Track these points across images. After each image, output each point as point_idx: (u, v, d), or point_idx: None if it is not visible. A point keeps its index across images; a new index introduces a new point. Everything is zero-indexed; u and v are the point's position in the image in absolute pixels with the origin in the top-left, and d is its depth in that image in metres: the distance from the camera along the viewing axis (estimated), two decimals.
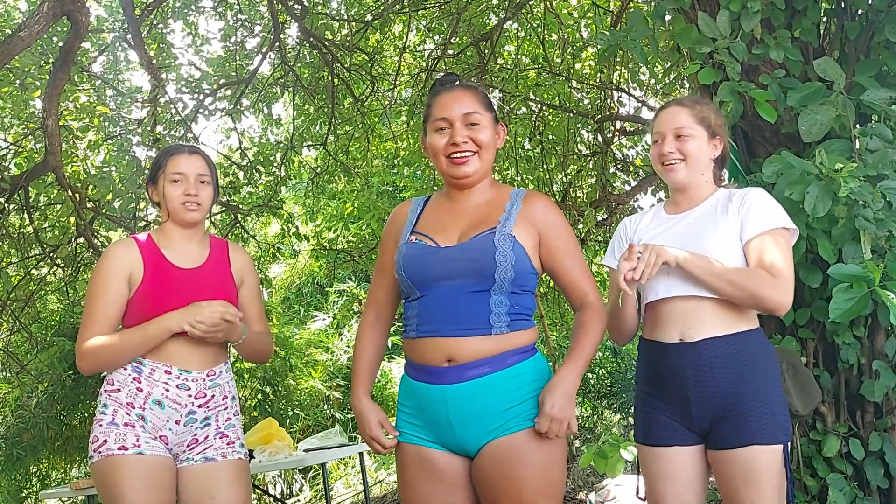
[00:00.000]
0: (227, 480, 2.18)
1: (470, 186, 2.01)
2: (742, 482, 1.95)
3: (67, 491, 4.43)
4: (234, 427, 2.27)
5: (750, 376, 1.99)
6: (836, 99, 2.65)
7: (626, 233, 2.29)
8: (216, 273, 2.30)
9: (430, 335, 1.89)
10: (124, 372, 2.17)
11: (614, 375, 7.37)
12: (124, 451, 2.07)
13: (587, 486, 5.74)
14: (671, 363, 2.04)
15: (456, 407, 1.87)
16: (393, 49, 7.19)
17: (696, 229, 2.11)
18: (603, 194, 6.51)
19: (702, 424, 2.02)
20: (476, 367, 1.86)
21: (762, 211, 2.06)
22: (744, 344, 2.02)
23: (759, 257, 2.01)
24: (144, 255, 2.23)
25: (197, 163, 2.29)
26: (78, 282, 5.79)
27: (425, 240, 1.96)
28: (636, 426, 2.19)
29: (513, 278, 1.88)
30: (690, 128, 2.13)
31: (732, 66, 2.77)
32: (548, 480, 1.85)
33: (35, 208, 5.57)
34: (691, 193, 2.19)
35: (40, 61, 5.58)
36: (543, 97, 6.66)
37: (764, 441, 1.96)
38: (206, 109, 6.18)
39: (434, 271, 1.91)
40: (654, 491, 2.09)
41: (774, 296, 1.97)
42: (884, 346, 3.02)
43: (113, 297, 2.18)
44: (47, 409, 5.52)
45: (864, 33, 2.97)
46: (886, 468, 2.99)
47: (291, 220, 7.09)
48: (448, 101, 1.99)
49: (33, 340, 5.96)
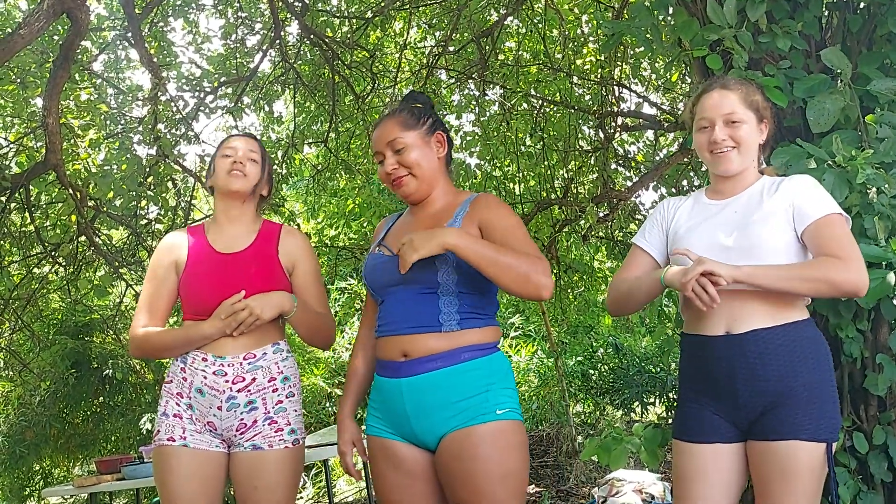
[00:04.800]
0: (272, 470, 2.22)
1: (418, 202, 2.14)
2: (777, 478, 1.87)
3: (70, 489, 4.45)
4: (286, 411, 2.26)
5: (801, 369, 1.92)
6: (843, 89, 2.63)
7: (665, 216, 2.21)
8: (258, 257, 2.32)
9: (389, 334, 2.03)
10: (175, 363, 2.29)
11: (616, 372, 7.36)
12: (172, 442, 2.20)
13: (590, 481, 5.73)
14: (718, 357, 1.97)
15: (411, 399, 1.96)
16: (394, 46, 7.18)
17: (742, 217, 2.02)
18: (604, 190, 6.50)
19: (750, 418, 1.95)
20: (430, 361, 1.96)
21: (814, 197, 1.99)
22: (795, 335, 1.94)
23: (821, 242, 1.92)
24: (190, 241, 2.34)
25: (249, 142, 2.41)
26: (80, 280, 5.79)
27: (384, 250, 2.12)
28: (675, 421, 2.12)
29: (457, 280, 1.97)
30: (741, 112, 2.04)
31: (740, 55, 2.74)
32: (504, 472, 1.89)
33: (36, 207, 5.58)
34: (737, 181, 2.11)
35: (41, 59, 5.57)
36: (544, 93, 6.66)
37: (807, 437, 1.87)
38: (206, 107, 6.17)
39: (386, 279, 2.06)
40: (684, 488, 2.02)
41: (851, 277, 1.87)
42: (888, 339, 3.00)
43: (158, 285, 2.32)
44: (50, 408, 5.53)
45: (866, 26, 2.96)
46: (890, 462, 2.98)
47: (293, 217, 7.10)
48: (376, 135, 2.14)
49: (35, 339, 5.97)
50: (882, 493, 3.02)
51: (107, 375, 5.54)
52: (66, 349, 5.50)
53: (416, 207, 2.17)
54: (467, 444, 1.89)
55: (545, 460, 6.39)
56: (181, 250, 2.33)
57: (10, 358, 6.24)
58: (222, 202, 2.38)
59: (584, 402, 7.57)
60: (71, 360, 5.50)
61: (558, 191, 6.94)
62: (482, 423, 1.91)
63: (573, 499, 5.48)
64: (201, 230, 2.38)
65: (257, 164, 2.37)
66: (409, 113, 2.13)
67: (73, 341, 5.60)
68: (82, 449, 5.88)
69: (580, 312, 8.50)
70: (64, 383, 5.44)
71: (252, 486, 2.21)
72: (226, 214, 2.37)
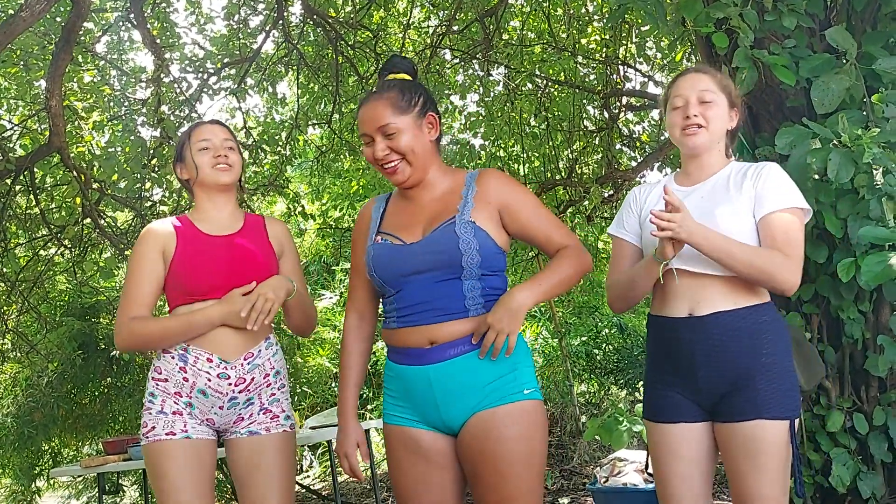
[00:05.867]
0: (271, 451, 2.25)
1: (413, 187, 2.06)
2: (747, 456, 1.93)
3: (78, 469, 4.50)
4: (279, 401, 2.31)
5: (761, 350, 1.97)
6: (848, 68, 2.60)
7: (637, 204, 2.25)
8: (253, 239, 2.34)
9: (413, 324, 1.96)
10: (171, 361, 2.22)
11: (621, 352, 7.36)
12: (172, 436, 2.17)
13: (593, 461, 5.77)
14: (680, 338, 2.02)
15: (440, 385, 1.92)
16: (397, 26, 7.14)
17: (708, 203, 2.06)
18: (609, 170, 6.48)
19: (711, 399, 2.00)
20: (457, 345, 1.92)
21: (779, 188, 2.02)
22: (755, 318, 1.99)
23: (773, 235, 1.98)
24: (178, 229, 2.29)
25: (220, 130, 2.37)
26: (85, 262, 5.82)
27: (391, 239, 2.02)
28: (644, 402, 2.17)
29: (480, 262, 1.94)
30: (714, 93, 2.09)
31: (746, 33, 2.72)
32: (528, 452, 1.89)
33: (41, 189, 5.60)
34: (703, 164, 2.14)
35: (43, 42, 5.57)
36: (549, 73, 6.62)
37: (771, 416, 1.93)
38: (210, 89, 6.16)
39: (403, 268, 1.97)
40: (661, 467, 2.09)
41: (788, 276, 1.95)
42: (888, 320, 3.01)
43: (147, 274, 2.24)
44: (57, 389, 5.55)
45: (870, 5, 2.93)
46: (890, 443, 3.00)
47: (297, 199, 7.10)
48: (363, 115, 2.02)
49: (42, 321, 6.01)
50: (882, 474, 3.04)
51: (114, 356, 5.56)
52: (73, 330, 5.51)
53: (411, 191, 2.08)
54: (496, 422, 1.88)
55: (549, 440, 6.42)
56: (168, 237, 2.27)
57: (18, 340, 6.29)
58: (206, 194, 2.35)
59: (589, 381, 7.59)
60: (78, 341, 5.51)
61: (563, 171, 6.91)
62: (511, 402, 1.90)
63: (576, 478, 5.52)
64: (185, 219, 2.34)
65: (235, 152, 2.36)
66: (399, 93, 2.01)
67: (80, 323, 5.61)
68: (90, 429, 5.91)
69: (585, 293, 8.50)
70: (71, 364, 5.46)
71: (254, 465, 2.23)
72: (212, 203, 2.35)
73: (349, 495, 6.09)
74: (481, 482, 1.90)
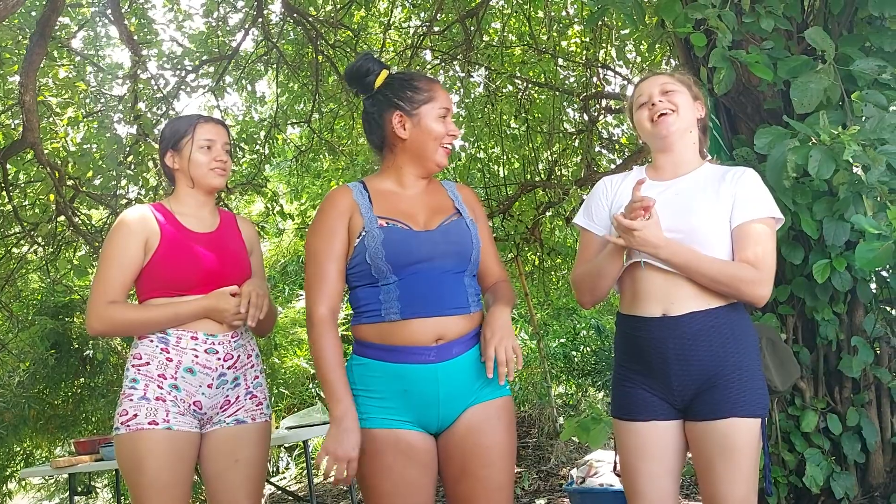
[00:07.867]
0: (252, 443, 2.26)
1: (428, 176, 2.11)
2: (718, 454, 1.94)
3: (48, 469, 4.42)
4: (262, 386, 2.34)
5: (732, 349, 1.99)
6: (827, 68, 2.62)
7: (606, 194, 2.23)
8: (230, 238, 2.37)
9: (417, 316, 1.92)
10: (151, 344, 2.20)
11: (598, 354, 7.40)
12: (154, 425, 2.12)
13: (570, 462, 5.78)
14: (653, 337, 2.01)
15: (447, 384, 1.93)
16: (378, 26, 7.12)
17: (684, 201, 2.05)
18: (588, 172, 6.49)
19: (683, 398, 2.01)
20: (459, 343, 1.96)
21: (758, 196, 2.04)
22: (727, 318, 2.00)
23: (745, 245, 1.99)
24: (160, 221, 2.27)
25: (224, 132, 2.39)
26: (59, 260, 5.73)
27: (398, 224, 1.97)
28: (613, 401, 2.17)
29: (476, 261, 2.04)
30: (675, 84, 2.15)
31: (724, 34, 2.73)
32: (511, 444, 2.01)
33: (14, 186, 5.50)
34: (678, 160, 2.14)
35: (17, 36, 5.48)
36: (529, 75, 6.63)
37: (742, 414, 1.94)
38: (188, 86, 6.10)
39: (416, 254, 1.93)
40: (628, 466, 2.08)
41: (757, 291, 1.98)
42: (862, 322, 3.04)
43: (128, 262, 2.22)
44: (29, 389, 5.45)
45: (847, 8, 2.96)
46: (863, 443, 3.02)
47: (276, 198, 7.05)
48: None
49: (14, 319, 5.90)
50: (855, 474, 3.06)
51: (87, 356, 5.47)
52: (46, 330, 5.41)
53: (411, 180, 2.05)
54: (489, 416, 1.96)
55: (527, 441, 6.42)
56: (151, 230, 2.25)
57: None
58: (192, 190, 2.35)
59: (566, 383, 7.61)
60: (50, 340, 5.41)
61: (542, 173, 6.93)
62: (499, 396, 2.01)
63: (553, 479, 5.52)
64: (164, 209, 2.32)
65: (229, 155, 2.41)
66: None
67: (53, 322, 5.51)
68: (63, 430, 5.81)
69: (563, 295, 8.52)
70: (43, 364, 5.37)
71: (233, 460, 2.22)
72: (195, 199, 2.36)
73: (325, 496, 6.05)
74: (469, 476, 1.93)
